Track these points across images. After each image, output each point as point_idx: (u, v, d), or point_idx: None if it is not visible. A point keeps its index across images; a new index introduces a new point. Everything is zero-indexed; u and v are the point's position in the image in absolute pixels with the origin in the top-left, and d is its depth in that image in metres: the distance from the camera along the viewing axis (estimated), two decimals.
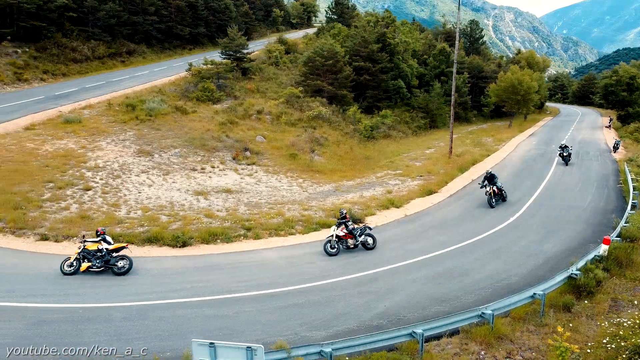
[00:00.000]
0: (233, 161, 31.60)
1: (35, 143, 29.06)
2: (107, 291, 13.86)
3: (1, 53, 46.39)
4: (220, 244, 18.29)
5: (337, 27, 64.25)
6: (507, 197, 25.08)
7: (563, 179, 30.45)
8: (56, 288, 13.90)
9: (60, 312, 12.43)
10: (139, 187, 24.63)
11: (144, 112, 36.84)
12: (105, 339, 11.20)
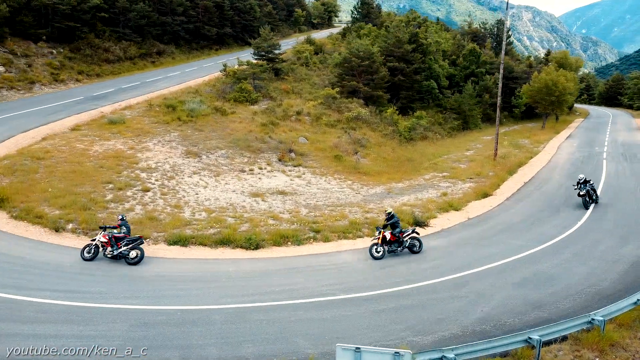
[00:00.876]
0: (279, 162, 31.66)
1: (84, 144, 29.36)
2: (199, 293, 13.91)
3: (37, 54, 47.00)
4: (291, 246, 18.31)
5: (368, 27, 64.08)
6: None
7: (619, 181, 30.10)
8: (149, 289, 13.99)
9: (160, 314, 12.50)
10: (194, 189, 24.76)
11: (184, 113, 37.07)
12: (213, 342, 11.25)
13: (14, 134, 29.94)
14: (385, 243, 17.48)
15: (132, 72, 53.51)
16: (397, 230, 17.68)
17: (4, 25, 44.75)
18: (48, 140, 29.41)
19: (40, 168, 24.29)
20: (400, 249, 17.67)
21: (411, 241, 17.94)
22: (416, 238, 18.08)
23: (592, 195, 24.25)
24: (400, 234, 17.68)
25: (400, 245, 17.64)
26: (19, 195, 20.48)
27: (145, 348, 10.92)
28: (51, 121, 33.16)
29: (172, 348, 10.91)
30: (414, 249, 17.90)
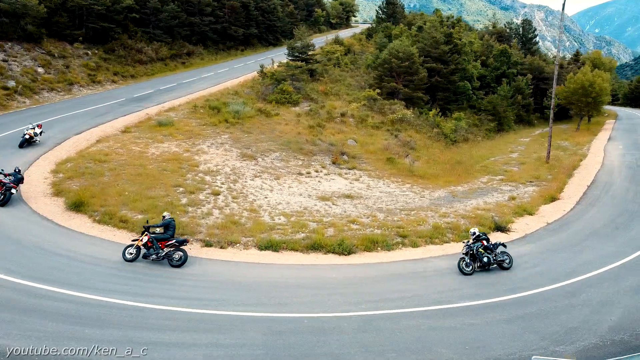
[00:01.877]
0: (333, 165, 31.59)
1: (139, 146, 29.41)
2: (316, 300, 13.84)
3: (74, 55, 47.23)
4: (381, 251, 18.21)
5: (399, 28, 63.94)
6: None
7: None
8: (268, 296, 13.93)
9: (288, 322, 12.44)
10: (261, 192, 24.71)
11: (230, 115, 37.08)
12: (356, 351, 11.18)
13: (69, 136, 30.07)
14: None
15: (165, 73, 53.65)
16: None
17: (41, 26, 44.98)
18: (103, 142, 29.50)
19: (105, 171, 24.31)
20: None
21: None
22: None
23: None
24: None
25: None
26: (96, 199, 20.49)
27: (146, 348, 10.78)
28: (100, 123, 33.30)
29: (319, 356, 10.83)
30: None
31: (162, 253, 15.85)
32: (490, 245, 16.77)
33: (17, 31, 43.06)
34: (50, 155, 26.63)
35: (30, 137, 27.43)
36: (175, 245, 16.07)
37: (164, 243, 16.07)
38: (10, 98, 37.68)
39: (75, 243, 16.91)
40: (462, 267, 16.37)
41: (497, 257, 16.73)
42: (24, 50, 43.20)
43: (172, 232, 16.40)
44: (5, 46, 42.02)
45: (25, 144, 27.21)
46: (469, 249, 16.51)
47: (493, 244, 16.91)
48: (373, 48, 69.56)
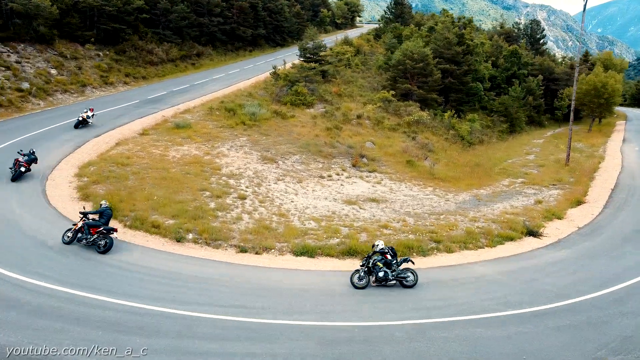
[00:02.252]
0: (353, 168, 31.47)
1: (159, 149, 29.30)
2: (361, 308, 13.72)
3: (85, 56, 47.15)
4: (416, 257, 18.06)
5: (409, 29, 63.79)
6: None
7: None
8: (307, 304, 13.82)
9: (340, 331, 12.32)
10: (287, 196, 24.59)
11: (246, 117, 36.98)
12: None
13: (88, 139, 29.99)
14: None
15: (176, 74, 53.57)
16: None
17: (53, 27, 44.88)
18: (122, 145, 29.40)
19: (129, 175, 24.19)
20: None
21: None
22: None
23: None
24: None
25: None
26: (124, 204, 20.37)
27: (146, 348, 10.83)
28: (118, 125, 33.23)
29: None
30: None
31: (90, 239, 16.46)
32: (394, 261, 15.34)
33: (29, 32, 42.98)
34: (72, 158, 26.55)
35: (83, 119, 31.70)
36: (103, 232, 16.52)
37: (95, 229, 16.58)
38: (25, 100, 37.61)
39: (111, 250, 16.77)
40: (354, 281, 15.09)
41: (398, 273, 15.24)
42: (37, 52, 43.11)
43: (105, 219, 16.96)
44: (18, 47, 41.94)
45: (80, 125, 31.69)
46: (367, 261, 15.33)
47: (397, 261, 15.46)
48: (382, 49, 69.52)
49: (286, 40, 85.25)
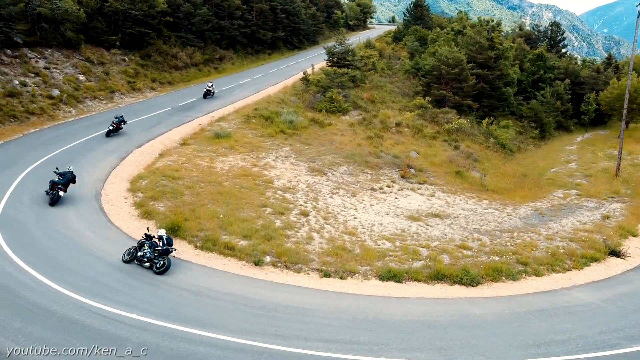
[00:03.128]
0: (402, 180, 30.75)
1: (204, 160, 28.62)
2: (477, 343, 13.01)
3: (112, 61, 46.51)
4: (507, 282, 17.36)
5: (436, 32, 63.05)
6: None
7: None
8: (414, 337, 13.11)
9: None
10: (347, 211, 23.88)
11: (284, 125, 36.32)
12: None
13: (131, 149, 29.32)
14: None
15: (200, 79, 52.88)
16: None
17: (79, 31, 44.22)
18: (166, 156, 28.73)
19: (183, 189, 23.51)
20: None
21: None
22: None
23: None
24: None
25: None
26: (190, 223, 19.69)
27: (146, 348, 11.45)
28: (157, 135, 32.59)
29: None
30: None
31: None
32: (161, 248, 16.29)
33: (56, 37, 42.31)
34: (120, 171, 25.86)
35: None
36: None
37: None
38: (57, 107, 36.96)
39: (187, 274, 16.09)
40: (123, 254, 16.66)
41: (155, 258, 16.18)
42: (64, 57, 42.47)
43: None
44: (45, 53, 41.30)
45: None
46: (142, 242, 16.58)
47: (165, 249, 16.31)
48: (405, 52, 68.83)
49: (303, 43, 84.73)
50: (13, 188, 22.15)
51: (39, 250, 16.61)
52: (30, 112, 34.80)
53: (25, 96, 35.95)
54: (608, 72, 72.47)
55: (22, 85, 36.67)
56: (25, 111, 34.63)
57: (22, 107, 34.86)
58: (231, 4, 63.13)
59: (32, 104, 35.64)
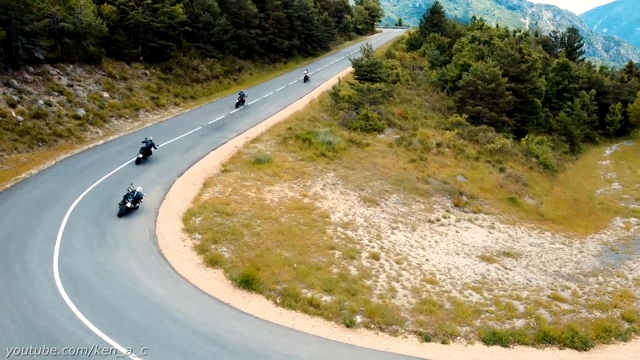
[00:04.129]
0: (456, 208, 29.60)
1: (251, 190, 27.38)
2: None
3: (133, 75, 45.18)
4: (617, 342, 16.20)
5: (461, 42, 61.84)
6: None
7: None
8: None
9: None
10: (414, 250, 22.73)
11: (323, 147, 35.11)
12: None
13: (172, 179, 28.01)
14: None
15: (222, 93, 51.63)
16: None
17: (100, 45, 42.83)
18: (211, 186, 27.49)
19: (240, 228, 22.28)
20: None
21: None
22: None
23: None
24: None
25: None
26: (262, 273, 18.43)
27: (146, 348, 11.50)
28: (194, 160, 31.27)
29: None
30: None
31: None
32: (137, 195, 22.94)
33: (78, 52, 40.92)
34: (168, 205, 24.56)
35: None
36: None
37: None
38: (84, 128, 35.62)
39: (280, 342, 14.84)
40: (120, 203, 22.77)
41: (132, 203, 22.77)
42: (86, 73, 41.09)
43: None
44: (67, 69, 39.91)
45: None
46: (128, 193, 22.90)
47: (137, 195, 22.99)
48: (426, 61, 67.67)
49: (316, 50, 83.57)
50: (62, 231, 20.83)
51: (114, 314, 15.29)
52: (57, 135, 33.46)
53: (52, 117, 34.62)
54: (632, 82, 71.75)
55: (47, 105, 35.32)
56: (53, 133, 33.30)
57: (49, 129, 33.53)
58: (249, 13, 61.86)
59: (59, 125, 34.33)
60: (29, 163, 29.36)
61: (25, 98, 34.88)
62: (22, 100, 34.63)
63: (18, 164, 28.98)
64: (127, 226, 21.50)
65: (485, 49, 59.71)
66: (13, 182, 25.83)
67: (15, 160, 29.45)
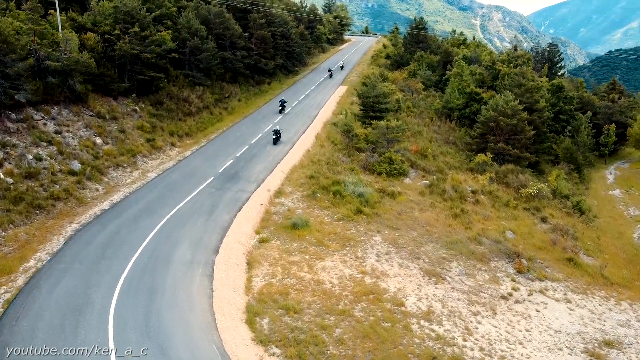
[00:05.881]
0: (520, 275, 27.76)
1: (303, 270, 24.72)
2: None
3: (123, 113, 41.44)
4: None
5: (459, 65, 60.52)
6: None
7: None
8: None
9: None
10: (515, 349, 20.58)
11: (357, 201, 32.69)
12: None
13: (210, 257, 24.80)
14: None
15: (216, 127, 48.37)
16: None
17: (87, 81, 38.77)
18: (257, 267, 24.67)
19: (318, 332, 19.53)
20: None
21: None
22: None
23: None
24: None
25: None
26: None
27: (145, 348, 11.57)
28: (224, 227, 28.18)
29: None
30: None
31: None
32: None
33: (63, 92, 36.79)
34: (221, 301, 21.37)
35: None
36: None
37: None
38: (81, 186, 31.85)
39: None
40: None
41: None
42: (73, 115, 37.06)
43: None
44: (52, 111, 35.83)
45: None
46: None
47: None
48: (420, 84, 66.14)
49: (296, 67, 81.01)
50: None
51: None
52: (55, 197, 29.63)
53: (45, 175, 30.70)
54: (622, 102, 72.90)
55: (38, 160, 31.33)
56: (50, 196, 29.45)
57: (44, 190, 29.65)
58: (234, 33, 58.60)
59: (54, 184, 30.46)
60: (31, 240, 25.50)
61: (11, 153, 30.84)
62: (9, 156, 30.59)
63: (19, 243, 25.11)
64: (186, 332, 18.28)
65: (485, 73, 58.88)
66: (24, 276, 21.98)
67: (15, 238, 25.54)
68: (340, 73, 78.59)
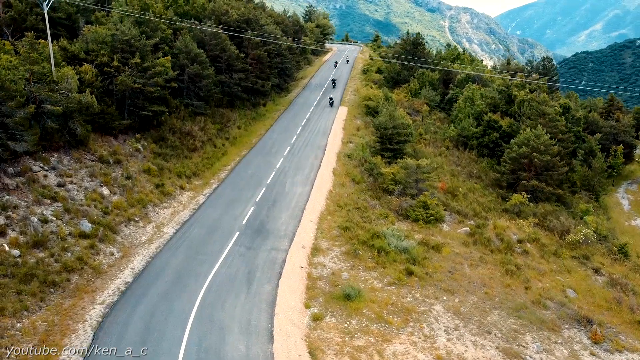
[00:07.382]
0: (597, 347, 25.84)
1: (367, 354, 22.26)
2: None
3: (126, 155, 38.16)
4: None
5: (470, 88, 58.86)
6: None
7: None
8: None
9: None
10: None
11: (403, 258, 30.40)
12: None
13: (268, 348, 21.90)
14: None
15: (223, 162, 45.47)
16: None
17: (88, 122, 35.43)
18: (322, 358, 21.81)
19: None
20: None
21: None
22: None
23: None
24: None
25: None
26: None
27: (145, 348, 12.29)
28: (268, 302, 25.22)
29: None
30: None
31: None
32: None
33: (63, 137, 33.36)
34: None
35: None
36: None
37: None
38: (95, 251, 28.52)
39: None
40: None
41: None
42: (75, 162, 33.73)
43: None
44: (52, 159, 32.56)
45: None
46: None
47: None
48: (425, 106, 64.32)
49: (287, 82, 78.42)
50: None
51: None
52: (69, 270, 26.35)
53: (54, 242, 27.42)
54: (625, 120, 72.76)
55: (43, 223, 28.06)
56: (63, 268, 26.19)
57: (55, 261, 26.35)
58: (231, 55, 55.58)
59: (65, 252, 27.17)
60: (52, 332, 22.13)
61: (13, 217, 27.54)
62: (11, 221, 27.26)
63: (38, 337, 21.62)
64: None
65: (497, 97, 57.49)
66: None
67: (33, 330, 22.11)
68: (335, 91, 76.20)
